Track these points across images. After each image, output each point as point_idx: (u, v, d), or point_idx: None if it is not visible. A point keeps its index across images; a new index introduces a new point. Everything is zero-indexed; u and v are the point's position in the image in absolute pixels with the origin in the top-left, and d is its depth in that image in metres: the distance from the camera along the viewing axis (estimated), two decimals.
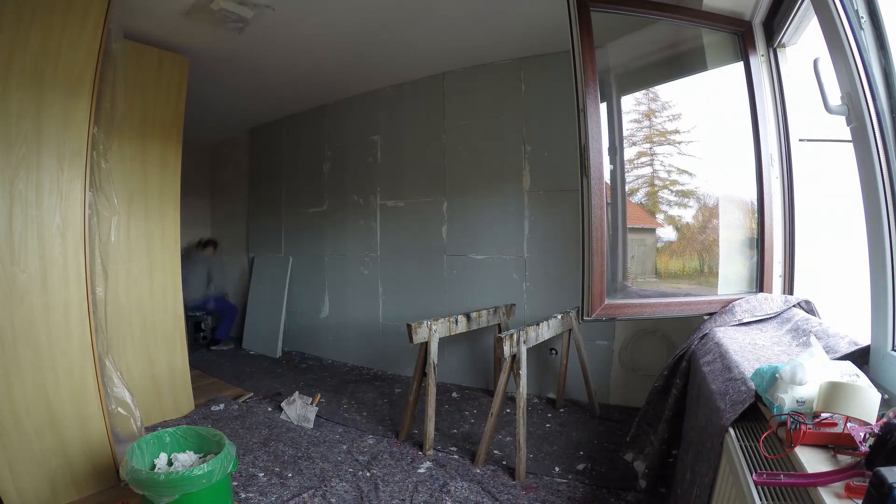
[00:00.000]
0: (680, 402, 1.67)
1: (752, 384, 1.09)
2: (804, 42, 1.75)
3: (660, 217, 2.54)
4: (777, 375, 0.97)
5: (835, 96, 1.23)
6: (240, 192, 5.38)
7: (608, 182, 1.81)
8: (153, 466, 1.86)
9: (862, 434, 0.83)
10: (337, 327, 4.43)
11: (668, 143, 2.38)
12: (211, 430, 1.95)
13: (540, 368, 3.32)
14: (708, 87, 2.13)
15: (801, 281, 1.81)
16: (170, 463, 1.88)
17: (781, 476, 0.79)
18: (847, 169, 1.26)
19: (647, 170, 2.41)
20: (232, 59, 3.19)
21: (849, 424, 0.85)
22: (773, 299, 1.71)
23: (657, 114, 2.38)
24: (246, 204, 5.31)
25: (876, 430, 0.82)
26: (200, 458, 1.92)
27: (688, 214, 2.43)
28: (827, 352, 1.12)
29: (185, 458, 1.90)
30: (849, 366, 0.99)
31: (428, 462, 2.40)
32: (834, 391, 0.87)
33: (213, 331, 5.02)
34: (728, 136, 2.05)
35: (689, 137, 2.28)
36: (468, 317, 2.89)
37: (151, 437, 1.90)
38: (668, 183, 2.38)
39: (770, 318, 1.66)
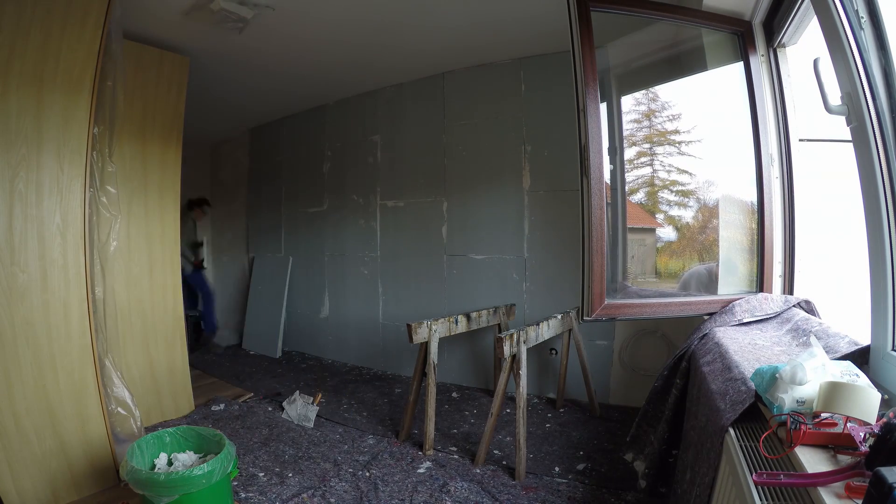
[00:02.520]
0: (680, 402, 1.67)
1: (752, 384, 1.09)
2: (804, 42, 1.75)
3: (660, 217, 2.54)
4: (777, 375, 0.97)
5: (835, 96, 1.23)
6: (239, 191, 5.37)
7: (608, 182, 1.81)
8: (153, 466, 1.86)
9: (862, 434, 0.83)
10: (337, 327, 4.42)
11: (668, 143, 2.38)
12: (211, 430, 1.95)
13: (540, 368, 3.32)
14: (708, 87, 2.13)
15: (801, 281, 1.81)
16: (170, 463, 1.88)
17: (781, 476, 0.79)
18: (847, 169, 1.26)
19: (647, 170, 2.41)
20: (232, 58, 3.19)
21: (849, 424, 0.85)
22: (773, 299, 1.71)
23: (657, 114, 2.37)
24: (246, 204, 5.31)
25: (876, 430, 0.82)
26: (200, 458, 1.92)
27: (688, 214, 2.43)
28: (827, 352, 1.11)
29: (185, 458, 1.90)
30: (849, 366, 0.99)
31: (428, 462, 2.39)
32: (834, 391, 0.87)
33: (197, 327, 4.63)
34: (728, 136, 2.05)
35: (689, 137, 2.27)
36: (468, 317, 2.89)
37: (151, 437, 1.90)
38: (668, 183, 2.37)
39: (770, 318, 1.66)
